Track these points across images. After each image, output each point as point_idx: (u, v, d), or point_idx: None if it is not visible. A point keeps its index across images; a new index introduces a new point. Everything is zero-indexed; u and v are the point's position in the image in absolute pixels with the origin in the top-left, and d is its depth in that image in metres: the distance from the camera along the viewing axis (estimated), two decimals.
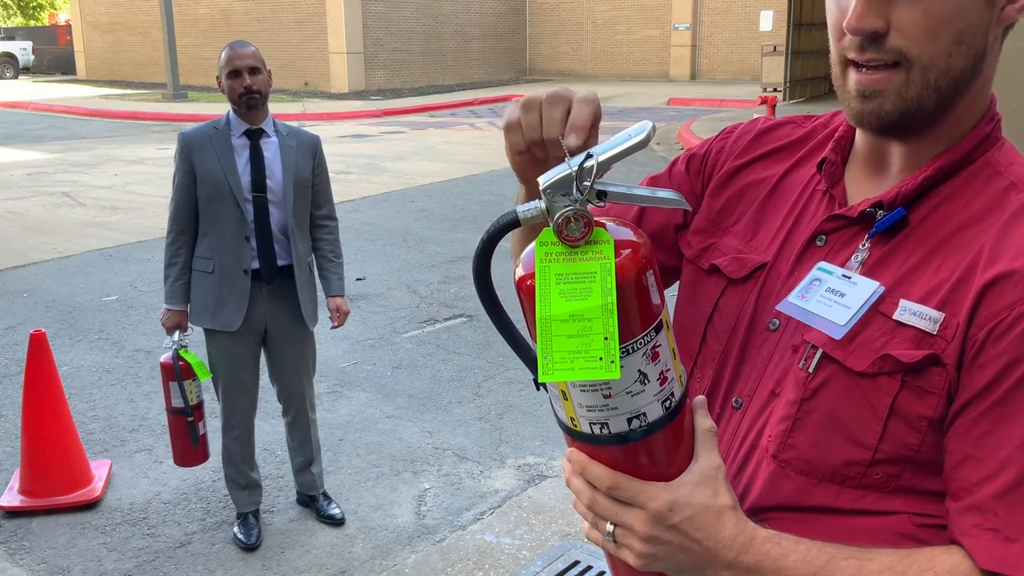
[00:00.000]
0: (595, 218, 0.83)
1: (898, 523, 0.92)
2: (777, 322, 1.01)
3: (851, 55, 0.92)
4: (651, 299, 0.83)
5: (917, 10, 0.87)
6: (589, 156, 0.81)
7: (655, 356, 0.83)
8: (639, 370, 0.83)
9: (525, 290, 0.82)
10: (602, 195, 0.82)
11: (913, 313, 0.90)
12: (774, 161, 1.12)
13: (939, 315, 0.88)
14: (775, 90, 17.60)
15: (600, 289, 0.78)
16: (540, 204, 0.83)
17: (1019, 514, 0.83)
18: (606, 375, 0.77)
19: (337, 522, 3.58)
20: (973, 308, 0.86)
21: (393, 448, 4.23)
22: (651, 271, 0.83)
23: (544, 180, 0.82)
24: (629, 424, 0.85)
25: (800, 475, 0.95)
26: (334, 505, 3.64)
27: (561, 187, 0.81)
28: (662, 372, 0.85)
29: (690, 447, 0.91)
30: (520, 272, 0.84)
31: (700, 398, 0.96)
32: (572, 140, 0.86)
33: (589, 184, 0.80)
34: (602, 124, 0.91)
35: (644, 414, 0.85)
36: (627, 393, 0.83)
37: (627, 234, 0.84)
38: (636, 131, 0.82)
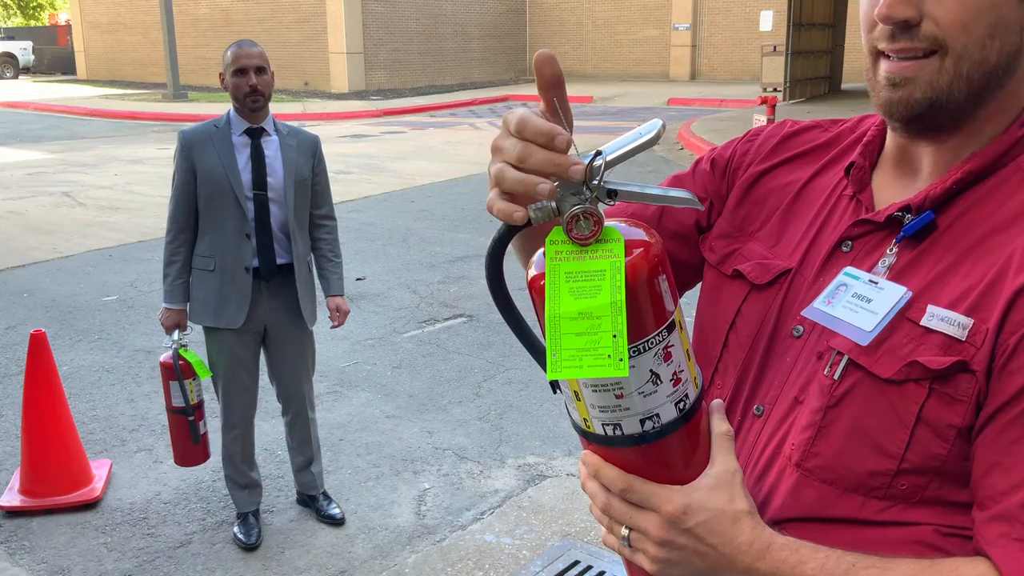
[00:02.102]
0: (608, 218, 0.82)
1: (922, 533, 0.90)
2: (801, 328, 0.99)
3: (881, 45, 0.91)
4: (663, 299, 0.82)
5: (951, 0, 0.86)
6: (598, 154, 0.81)
7: (667, 356, 0.83)
8: (651, 370, 0.82)
9: (537, 290, 0.82)
10: (613, 194, 0.81)
11: (941, 319, 0.88)
12: (799, 165, 1.10)
13: (968, 321, 0.86)
14: (775, 90, 17.59)
15: (609, 287, 0.78)
16: (551, 203, 0.82)
17: None
18: (614, 373, 0.76)
19: (337, 522, 3.58)
20: (1004, 313, 0.84)
21: (393, 448, 4.23)
22: (663, 271, 0.82)
23: (554, 179, 0.82)
24: (642, 425, 0.84)
25: (824, 484, 0.93)
26: (334, 505, 3.64)
27: (571, 185, 0.81)
28: (675, 373, 0.84)
29: (706, 451, 0.90)
30: (532, 272, 0.84)
31: (717, 402, 0.94)
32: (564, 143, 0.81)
33: (598, 182, 0.80)
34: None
35: (657, 415, 0.84)
36: (639, 393, 0.83)
37: (639, 234, 0.83)
38: (646, 129, 0.82)
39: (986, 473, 0.85)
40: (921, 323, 0.89)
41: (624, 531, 0.90)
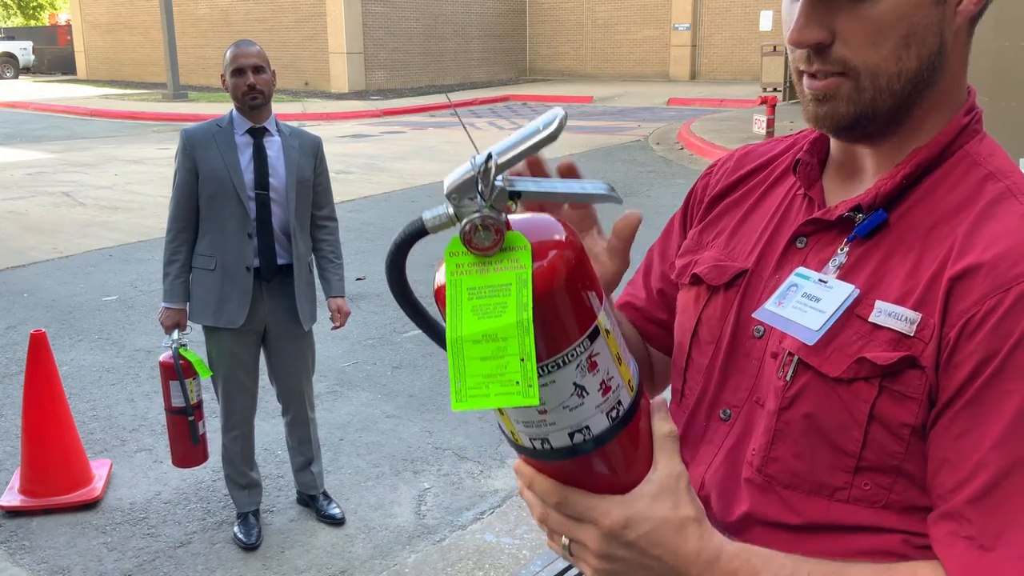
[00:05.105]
0: (517, 215, 0.75)
1: (892, 542, 0.88)
2: (762, 329, 0.97)
3: (801, 66, 0.92)
4: (583, 304, 0.75)
5: (859, 19, 0.86)
6: (490, 156, 0.73)
7: (592, 366, 0.76)
8: (575, 383, 0.75)
9: (442, 302, 0.74)
10: (516, 195, 0.74)
11: (889, 314, 0.86)
12: (755, 179, 1.11)
13: (916, 316, 0.85)
14: (775, 90, 17.58)
15: (515, 304, 0.70)
16: (448, 209, 0.75)
17: (994, 520, 0.79)
18: (523, 401, 0.69)
19: (337, 522, 3.58)
20: (944, 305, 0.83)
21: (393, 448, 4.23)
22: (581, 273, 0.75)
23: (448, 183, 0.74)
24: (571, 439, 0.78)
25: (787, 489, 0.91)
26: (334, 505, 3.64)
27: (466, 190, 0.73)
28: (603, 382, 0.77)
29: (648, 454, 0.84)
30: (440, 280, 0.75)
31: (659, 399, 0.89)
32: None
33: (490, 188, 0.72)
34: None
35: (587, 427, 0.78)
36: (564, 408, 0.76)
37: (550, 233, 0.75)
38: (544, 122, 0.74)
39: (936, 471, 0.84)
40: (869, 319, 0.87)
41: (565, 540, 0.86)
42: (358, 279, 6.82)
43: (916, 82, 0.89)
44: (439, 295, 0.75)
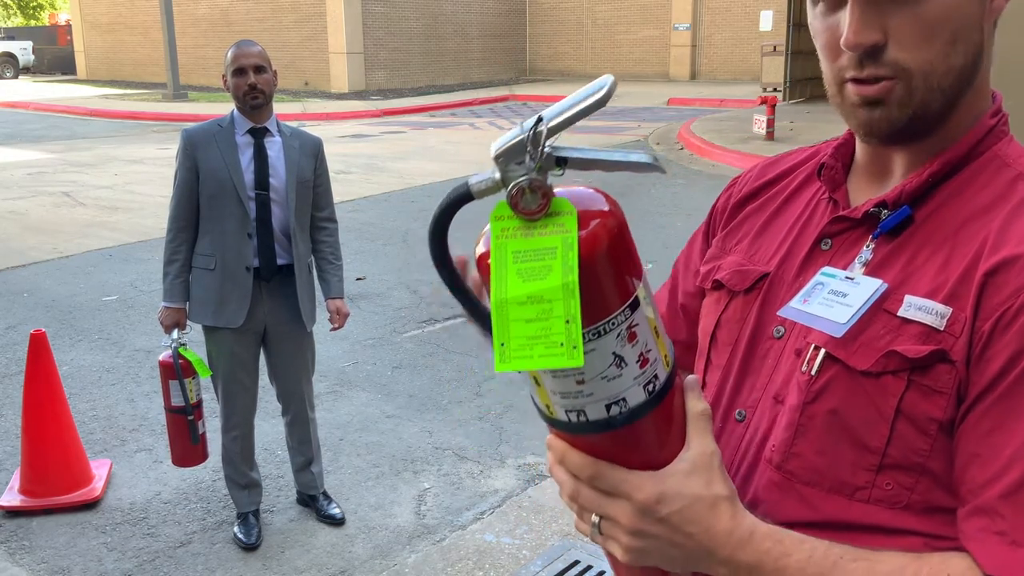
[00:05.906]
0: (563, 186, 0.76)
1: (913, 545, 0.87)
2: (782, 329, 0.98)
3: (849, 74, 0.90)
4: (625, 273, 0.76)
5: (913, 16, 0.86)
6: (540, 120, 0.74)
7: (632, 336, 0.76)
8: (614, 352, 0.76)
9: (484, 269, 0.76)
10: (562, 162, 0.75)
11: (919, 308, 0.86)
12: (778, 185, 1.11)
13: (946, 310, 0.84)
14: (775, 90, 17.57)
15: (561, 267, 0.71)
16: (494, 174, 0.75)
17: None
18: (568, 363, 0.70)
19: (337, 522, 3.58)
20: (977, 299, 0.83)
21: (393, 448, 4.23)
22: (623, 243, 0.76)
23: (496, 147, 0.75)
24: (608, 411, 0.78)
25: (807, 486, 0.91)
26: (334, 505, 3.64)
27: (515, 155, 0.74)
28: (641, 353, 0.78)
29: (681, 431, 0.85)
30: (480, 249, 0.77)
31: (691, 378, 0.90)
32: None
33: (540, 151, 0.73)
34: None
35: (624, 400, 0.78)
36: (602, 378, 0.76)
37: (595, 203, 0.76)
38: (594, 88, 0.74)
39: (966, 466, 0.83)
40: (898, 314, 0.87)
41: (595, 518, 0.86)
42: (358, 279, 6.82)
43: (961, 80, 0.90)
44: (481, 263, 0.76)
